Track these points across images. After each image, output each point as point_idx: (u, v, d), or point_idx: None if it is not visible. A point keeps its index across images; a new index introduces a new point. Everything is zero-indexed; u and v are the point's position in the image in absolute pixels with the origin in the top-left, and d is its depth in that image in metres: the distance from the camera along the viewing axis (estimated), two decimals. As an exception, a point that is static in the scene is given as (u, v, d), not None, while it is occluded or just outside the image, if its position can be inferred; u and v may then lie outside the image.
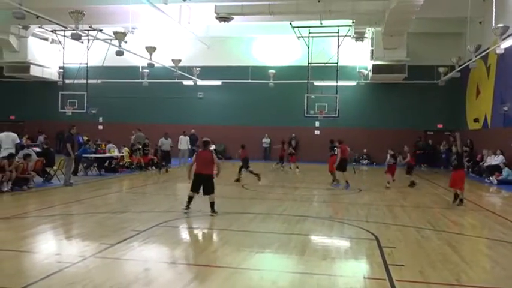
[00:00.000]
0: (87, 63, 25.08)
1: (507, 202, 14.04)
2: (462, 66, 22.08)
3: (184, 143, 23.01)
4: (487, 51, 18.86)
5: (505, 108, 19.51)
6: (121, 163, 19.78)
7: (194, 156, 10.25)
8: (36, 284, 5.20)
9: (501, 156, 18.81)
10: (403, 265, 6.23)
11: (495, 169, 18.33)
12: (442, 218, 10.18)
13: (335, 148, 15.96)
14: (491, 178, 18.05)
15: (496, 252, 7.46)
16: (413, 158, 16.78)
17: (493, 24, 16.66)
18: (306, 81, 24.37)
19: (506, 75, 20.05)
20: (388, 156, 15.31)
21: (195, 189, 9.75)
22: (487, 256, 7.35)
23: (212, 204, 9.75)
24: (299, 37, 24.93)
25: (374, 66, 26.04)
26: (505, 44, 16.24)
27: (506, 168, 17.88)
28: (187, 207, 9.77)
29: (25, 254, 6.63)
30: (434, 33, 26.09)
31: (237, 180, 16.15)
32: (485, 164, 19.55)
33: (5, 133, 14.32)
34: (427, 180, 18.96)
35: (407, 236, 8.18)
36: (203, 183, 9.70)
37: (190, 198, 9.77)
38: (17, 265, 6.10)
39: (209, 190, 9.76)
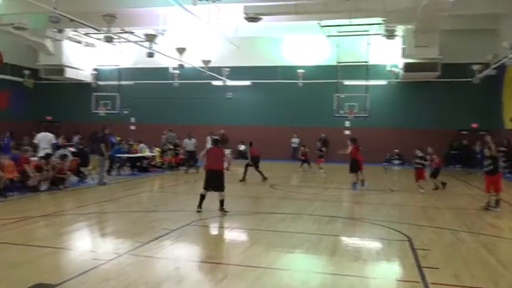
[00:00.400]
0: (119, 65, 25.59)
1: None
2: (498, 64, 21.42)
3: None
4: (524, 48, 18.22)
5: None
6: (152, 163, 20.10)
7: (203, 152, 10.41)
8: (73, 280, 5.35)
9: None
10: (437, 268, 6.10)
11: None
12: (478, 220, 9.91)
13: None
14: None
15: (535, 255, 7.21)
16: (441, 159, 15.63)
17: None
18: (335, 81, 24.14)
19: (545, 72, 19.34)
20: (417, 157, 14.27)
21: (207, 186, 9.84)
22: (526, 259, 7.11)
23: (222, 202, 9.78)
24: (328, 36, 24.73)
25: (405, 64, 25.54)
26: (543, 40, 15.68)
27: (545, 169, 17.25)
28: (199, 206, 9.79)
29: (62, 251, 6.82)
30: (468, 30, 25.39)
31: (242, 179, 16.07)
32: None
33: (42, 133, 14.82)
34: (461, 181, 18.49)
35: (441, 238, 8.00)
36: (214, 179, 9.78)
37: (202, 197, 9.82)
38: (55, 261, 6.29)
39: (219, 186, 9.79)
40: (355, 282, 5.58)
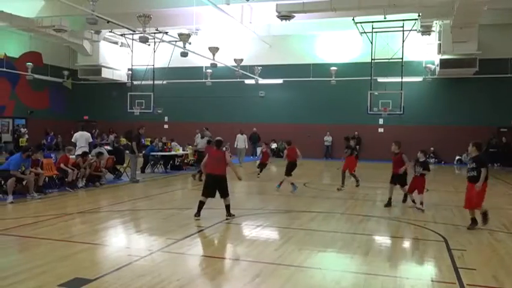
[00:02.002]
0: (153, 65, 26.04)
1: None
2: (540, 58, 20.59)
3: (241, 141, 22.86)
4: None
5: None
6: (185, 161, 20.37)
7: (206, 156, 9.51)
8: (108, 276, 5.49)
9: None
10: (474, 269, 5.94)
11: None
12: (518, 220, 9.58)
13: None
14: None
15: None
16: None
17: None
18: (369, 78, 23.77)
19: None
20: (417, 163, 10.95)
21: (208, 193, 8.99)
22: None
23: (227, 207, 9.15)
24: (362, 33, 24.35)
25: (442, 60, 24.90)
26: None
27: None
28: (197, 213, 8.98)
29: (98, 247, 7.02)
30: (506, 24, 24.50)
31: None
32: None
33: (80, 132, 15.28)
34: (500, 180, 17.88)
35: (479, 239, 7.77)
36: (216, 184, 8.99)
37: (201, 204, 9.01)
38: (92, 257, 6.48)
39: (224, 192, 9.07)
40: (389, 283, 5.49)
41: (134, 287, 5.13)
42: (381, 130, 27.88)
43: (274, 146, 29.88)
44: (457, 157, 25.49)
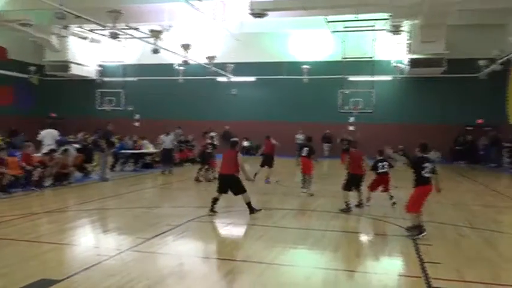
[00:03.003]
0: (124, 61, 25.67)
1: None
2: (504, 59, 21.29)
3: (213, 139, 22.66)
4: (531, 42, 18.11)
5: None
6: (156, 159, 20.17)
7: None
8: (77, 275, 5.40)
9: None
10: (439, 263, 6.11)
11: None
12: (481, 215, 9.89)
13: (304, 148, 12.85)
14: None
15: (539, 251, 7.19)
16: None
17: (537, 15, 15.97)
18: (341, 77, 24.05)
19: (551, 67, 19.20)
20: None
21: (220, 190, 9.34)
22: (529, 256, 7.09)
23: (248, 204, 9.24)
24: (333, 32, 24.64)
25: (411, 60, 25.42)
26: (550, 35, 15.55)
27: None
28: (211, 209, 9.26)
29: (66, 247, 6.88)
30: (474, 25, 25.19)
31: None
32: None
33: (46, 130, 14.92)
34: (466, 177, 18.42)
35: (444, 234, 7.99)
36: (227, 184, 9.28)
37: (214, 200, 9.30)
38: (59, 257, 6.35)
39: (237, 190, 9.26)
40: (357, 278, 5.60)
41: (103, 287, 5.06)
42: (351, 128, 28.28)
43: (246, 144, 29.91)
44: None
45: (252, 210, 9.22)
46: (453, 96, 26.67)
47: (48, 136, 14.48)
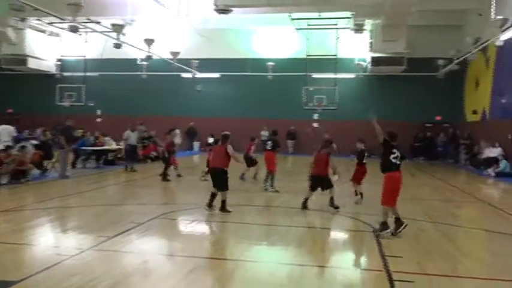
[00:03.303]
0: (85, 56, 25.01)
1: (504, 194, 14.08)
2: (461, 59, 22.05)
3: (177, 136, 22.05)
4: (486, 43, 18.83)
5: (504, 101, 19.51)
6: (119, 155, 19.78)
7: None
8: (36, 276, 5.22)
9: (499, 148, 18.83)
10: (400, 256, 6.26)
11: (493, 161, 18.36)
12: (440, 210, 10.22)
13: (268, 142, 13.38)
14: (488, 170, 18.09)
15: (493, 243, 7.50)
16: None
17: (493, 16, 16.61)
18: (305, 74, 24.30)
19: (505, 67, 20.03)
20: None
21: (214, 185, 9.25)
22: (484, 248, 7.39)
23: (223, 202, 9.12)
24: (298, 29, 24.85)
25: (373, 58, 25.97)
26: (504, 36, 16.20)
27: (504, 161, 17.91)
28: (209, 204, 9.19)
29: (24, 247, 6.65)
30: (433, 25, 25.99)
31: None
32: (483, 156, 19.58)
33: (2, 126, 14.36)
34: (424, 172, 19.01)
35: (404, 228, 8.20)
36: (215, 178, 9.23)
37: (212, 195, 9.24)
38: (17, 257, 6.12)
39: (220, 186, 9.13)
40: (321, 273, 5.68)
41: (64, 287, 4.91)
42: (316, 125, 28.62)
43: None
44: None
45: (224, 208, 9.08)
46: (413, 94, 27.43)
47: (4, 132, 13.97)
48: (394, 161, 7.35)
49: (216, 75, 29.54)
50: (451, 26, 25.80)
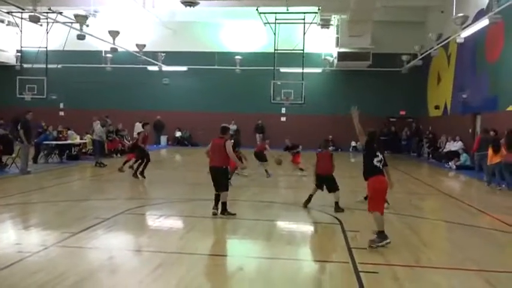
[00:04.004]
0: (46, 47, 24.24)
1: (465, 186, 14.58)
2: (424, 54, 22.62)
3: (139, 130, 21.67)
4: (448, 40, 19.36)
5: (464, 96, 20.16)
6: (83, 150, 19.35)
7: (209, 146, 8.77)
8: (-5, 275, 5.05)
9: (460, 142, 19.47)
10: (365, 248, 6.39)
11: (454, 155, 18.97)
12: (403, 202, 10.48)
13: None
14: (450, 163, 18.68)
15: (454, 234, 7.76)
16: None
17: (454, 14, 17.08)
18: (273, 68, 24.38)
19: (465, 63, 20.69)
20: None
21: (214, 185, 8.51)
22: (446, 239, 7.64)
23: (223, 204, 8.39)
24: (265, 23, 24.86)
25: (339, 53, 26.32)
26: (464, 34, 16.69)
27: (465, 154, 18.53)
28: (214, 206, 8.46)
29: (-17, 244, 6.40)
30: (398, 21, 26.54)
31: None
32: (445, 150, 20.20)
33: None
34: (389, 166, 19.40)
35: (370, 221, 8.31)
36: (212, 176, 8.46)
37: (215, 196, 8.52)
38: (-25, 256, 5.89)
39: (219, 186, 8.41)
40: (289, 265, 5.72)
41: (26, 285, 4.77)
42: (283, 119, 28.79)
43: (178, 134, 29.51)
44: (353, 144, 27.13)
45: (225, 210, 8.39)
46: (378, 89, 27.95)
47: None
48: (377, 164, 6.78)
49: (183, 68, 29.24)
50: (414, 23, 26.42)
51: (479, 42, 18.82)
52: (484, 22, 15.02)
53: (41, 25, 22.52)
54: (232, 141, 14.08)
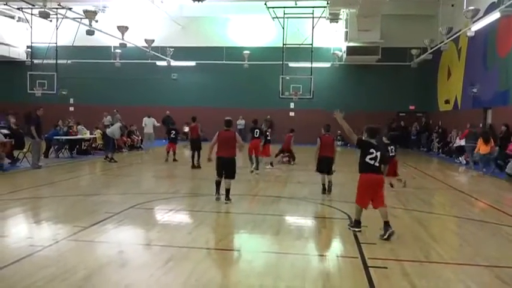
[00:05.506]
0: (56, 43, 24.39)
1: (475, 182, 14.45)
2: (434, 49, 22.40)
3: (149, 125, 21.36)
4: (458, 33, 19.17)
5: (474, 90, 19.97)
6: (93, 145, 19.48)
7: (215, 136, 9.26)
8: (7, 268, 5.11)
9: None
10: (375, 243, 6.38)
11: (464, 150, 18.79)
12: (413, 197, 10.43)
13: (256, 130, 14.38)
14: (460, 158, 18.53)
15: (464, 230, 7.71)
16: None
17: (465, 7, 16.90)
18: (281, 63, 24.32)
19: (476, 57, 20.47)
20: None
21: (220, 174, 9.13)
22: (455, 234, 7.59)
23: (227, 191, 9.08)
24: (274, 18, 24.77)
25: (348, 47, 26.16)
26: (475, 27, 16.52)
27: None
28: (217, 192, 9.25)
29: (-5, 238, 6.49)
30: (407, 15, 26.32)
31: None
32: (455, 145, 20.03)
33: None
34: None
35: (378, 215, 8.31)
36: (225, 166, 9.08)
37: (217, 183, 9.22)
38: (-13, 249, 5.97)
39: (230, 174, 9.10)
40: (298, 260, 5.72)
41: (36, 279, 4.82)
42: (292, 114, 28.72)
43: (186, 129, 29.52)
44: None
45: (228, 198, 9.08)
46: (387, 84, 27.79)
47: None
48: (370, 162, 6.71)
49: (192, 63, 29.27)
50: (424, 16, 26.16)
51: (490, 36, 18.61)
52: (495, 15, 14.84)
53: (51, 21, 22.68)
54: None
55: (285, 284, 4.89)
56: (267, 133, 15.19)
